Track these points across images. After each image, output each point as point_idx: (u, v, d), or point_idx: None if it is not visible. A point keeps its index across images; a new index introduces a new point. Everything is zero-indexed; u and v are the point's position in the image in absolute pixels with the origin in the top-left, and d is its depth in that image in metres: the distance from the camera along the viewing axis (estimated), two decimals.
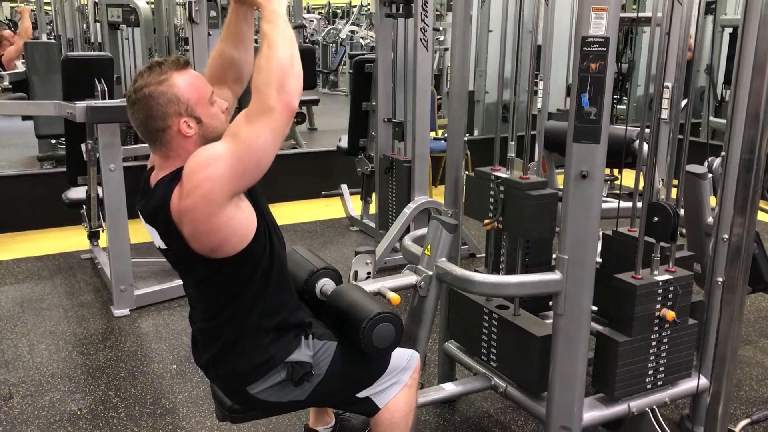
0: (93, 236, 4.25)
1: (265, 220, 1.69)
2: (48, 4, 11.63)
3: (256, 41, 1.79)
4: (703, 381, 2.31)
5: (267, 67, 1.53)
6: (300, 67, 1.56)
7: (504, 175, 2.24)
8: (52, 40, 8.96)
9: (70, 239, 4.63)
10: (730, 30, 6.40)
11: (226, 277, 1.66)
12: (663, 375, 2.21)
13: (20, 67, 6.44)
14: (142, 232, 1.71)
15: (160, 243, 1.68)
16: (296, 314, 1.78)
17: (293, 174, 5.64)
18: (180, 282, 3.69)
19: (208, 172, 1.52)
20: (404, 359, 1.94)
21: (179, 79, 1.60)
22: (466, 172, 2.41)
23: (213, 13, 3.77)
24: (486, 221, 2.26)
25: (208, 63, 1.83)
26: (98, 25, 6.88)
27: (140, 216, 1.72)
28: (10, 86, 5.88)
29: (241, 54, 1.80)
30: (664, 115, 2.83)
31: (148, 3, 6.12)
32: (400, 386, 1.92)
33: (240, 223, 1.60)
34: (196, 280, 1.74)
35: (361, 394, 1.88)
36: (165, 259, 1.75)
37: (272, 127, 1.52)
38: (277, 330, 1.73)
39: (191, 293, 1.81)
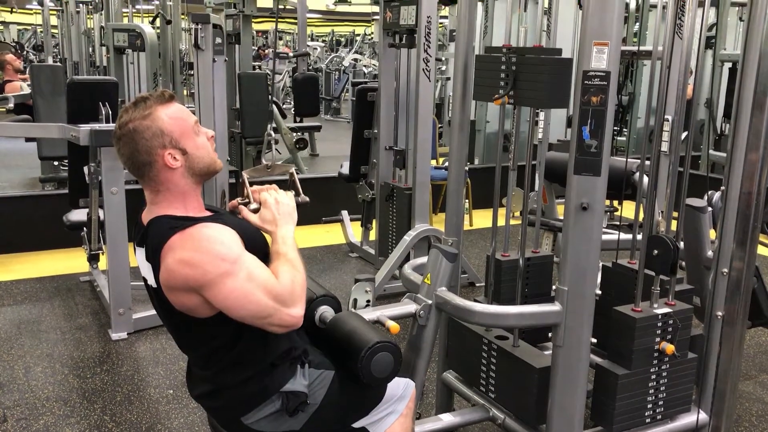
0: (93, 259, 4.25)
1: None
2: (55, 27, 11.76)
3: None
4: (703, 416, 2.29)
5: (292, 278, 1.62)
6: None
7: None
8: (58, 63, 9.05)
9: (70, 261, 4.63)
10: (729, 65, 6.46)
11: (211, 335, 1.66)
12: (662, 409, 2.20)
13: (25, 89, 6.49)
14: None
15: (152, 281, 1.66)
16: (291, 352, 1.76)
17: None
18: None
19: (207, 262, 1.53)
20: (400, 388, 1.93)
21: (163, 112, 1.62)
22: (476, 51, 2.32)
23: (218, 40, 3.81)
24: (496, 96, 2.15)
25: None
26: (104, 48, 6.95)
27: (134, 251, 1.72)
28: (13, 108, 5.93)
29: None
30: (664, 147, 2.85)
31: (153, 28, 6.19)
32: (396, 416, 1.91)
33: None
34: (185, 335, 1.74)
35: (357, 424, 1.86)
36: None
37: (272, 311, 1.58)
38: (272, 365, 1.72)
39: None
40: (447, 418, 2.44)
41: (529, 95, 2.08)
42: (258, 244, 1.71)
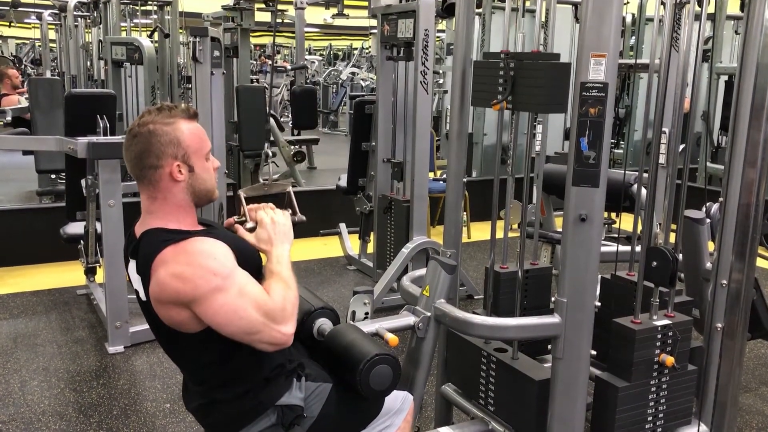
0: (90, 272, 4.23)
1: None
2: (53, 41, 11.79)
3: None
4: (704, 429, 2.28)
5: (284, 296, 1.62)
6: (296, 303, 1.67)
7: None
8: (56, 77, 9.06)
9: (67, 274, 4.61)
10: (726, 77, 6.50)
11: (201, 351, 1.65)
12: (662, 422, 2.19)
13: (23, 102, 6.49)
14: None
15: (143, 294, 1.65)
16: (286, 366, 1.74)
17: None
18: None
19: (199, 276, 1.53)
20: (398, 401, 1.92)
21: (185, 125, 1.65)
22: (474, 59, 2.32)
23: (216, 54, 3.82)
24: (494, 101, 2.14)
25: None
26: (101, 62, 6.96)
27: (125, 263, 1.71)
28: (11, 121, 5.92)
29: None
30: (662, 160, 2.86)
31: (152, 42, 6.21)
32: (393, 429, 1.90)
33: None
34: (176, 350, 1.73)
35: None
36: None
37: (262, 328, 1.58)
38: (266, 380, 1.71)
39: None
40: None
41: (528, 100, 2.07)
42: (251, 260, 1.71)
